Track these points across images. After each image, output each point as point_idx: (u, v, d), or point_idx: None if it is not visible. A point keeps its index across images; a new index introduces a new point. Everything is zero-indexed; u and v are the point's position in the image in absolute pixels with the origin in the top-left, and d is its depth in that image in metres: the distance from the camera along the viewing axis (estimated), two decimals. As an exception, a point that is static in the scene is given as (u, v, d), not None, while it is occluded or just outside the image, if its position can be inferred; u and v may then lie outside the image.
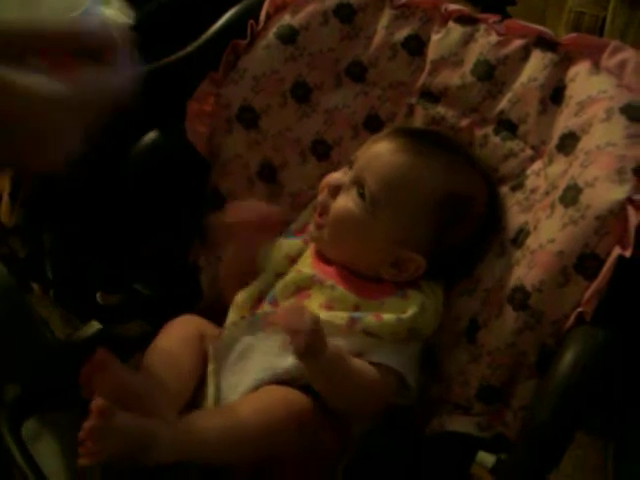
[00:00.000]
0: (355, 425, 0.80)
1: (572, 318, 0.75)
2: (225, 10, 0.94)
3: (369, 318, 0.80)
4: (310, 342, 0.71)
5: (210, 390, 0.81)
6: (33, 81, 0.56)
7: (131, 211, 0.93)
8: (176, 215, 0.93)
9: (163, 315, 0.88)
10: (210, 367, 0.82)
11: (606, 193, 0.73)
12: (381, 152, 0.83)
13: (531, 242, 0.79)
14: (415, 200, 0.82)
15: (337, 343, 0.78)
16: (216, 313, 0.88)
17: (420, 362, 0.81)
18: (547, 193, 0.80)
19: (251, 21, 0.91)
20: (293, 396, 0.76)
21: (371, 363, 0.79)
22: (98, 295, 0.95)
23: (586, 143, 0.78)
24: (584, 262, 0.74)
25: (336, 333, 0.79)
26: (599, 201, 0.73)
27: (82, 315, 0.93)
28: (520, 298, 0.77)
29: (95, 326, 0.85)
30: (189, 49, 0.90)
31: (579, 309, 0.74)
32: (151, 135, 0.91)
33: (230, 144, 0.92)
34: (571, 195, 0.76)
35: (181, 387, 0.80)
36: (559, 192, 0.78)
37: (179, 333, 0.83)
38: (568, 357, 0.72)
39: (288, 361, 0.78)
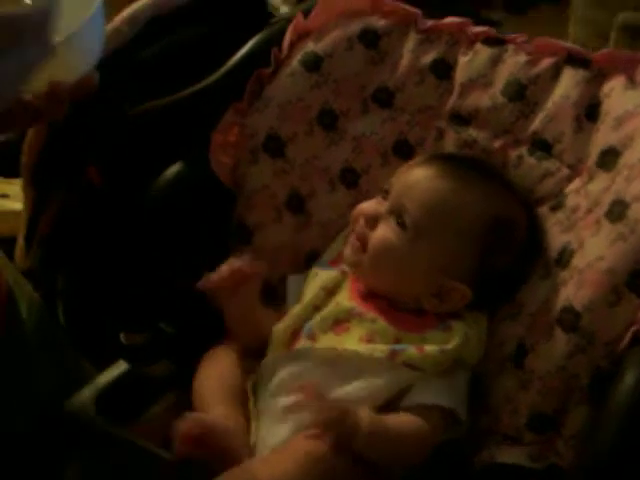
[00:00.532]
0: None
1: (626, 338, 0.72)
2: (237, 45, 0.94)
3: (411, 350, 0.77)
4: (341, 432, 0.70)
5: (253, 426, 0.78)
6: None
7: (154, 247, 0.90)
8: (201, 250, 0.91)
9: (189, 354, 0.85)
10: (250, 403, 0.80)
11: None
12: (419, 179, 0.82)
13: (578, 261, 0.77)
14: (459, 226, 0.80)
15: (377, 378, 0.76)
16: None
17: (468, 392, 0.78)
18: (590, 211, 0.78)
19: (274, 49, 0.90)
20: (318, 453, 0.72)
21: (418, 406, 0.76)
22: (122, 335, 0.91)
23: (629, 157, 0.76)
24: (636, 279, 0.72)
25: (376, 367, 0.77)
26: None
27: (98, 359, 0.90)
28: (570, 319, 0.74)
29: (122, 365, 0.82)
30: (211, 79, 0.89)
31: (633, 328, 0.72)
32: (174, 168, 0.89)
33: (256, 174, 0.89)
34: (618, 211, 0.74)
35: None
36: (604, 208, 0.76)
37: (217, 370, 0.80)
38: (628, 380, 0.69)
39: (331, 394, 0.75)
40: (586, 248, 0.76)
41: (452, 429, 0.77)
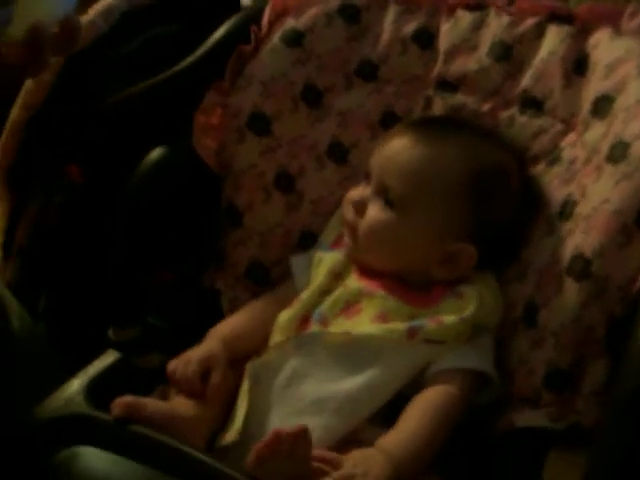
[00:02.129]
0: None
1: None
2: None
3: (429, 324, 0.74)
4: None
5: (240, 411, 0.73)
6: None
7: (139, 237, 0.86)
8: (189, 238, 0.87)
9: (181, 347, 0.80)
10: (244, 386, 0.75)
11: None
12: (394, 153, 0.80)
13: (582, 209, 0.75)
14: (443, 189, 0.77)
15: (397, 361, 0.73)
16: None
17: None
18: (588, 160, 0.77)
19: (254, 27, 0.88)
20: None
21: (442, 371, 0.73)
22: (110, 332, 0.86)
23: (623, 101, 0.75)
24: (645, 217, 0.70)
25: (395, 348, 0.74)
26: None
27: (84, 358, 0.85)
28: (580, 267, 0.72)
29: (113, 355, 0.77)
30: (189, 60, 0.87)
31: (646, 268, 0.70)
32: (156, 152, 0.86)
33: (242, 154, 0.87)
34: (619, 152, 0.72)
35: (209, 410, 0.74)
36: (604, 153, 0.74)
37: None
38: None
39: (348, 384, 0.73)
40: (589, 194, 0.74)
41: (484, 392, 0.74)
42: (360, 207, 0.80)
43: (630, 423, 0.67)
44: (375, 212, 0.79)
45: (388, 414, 0.73)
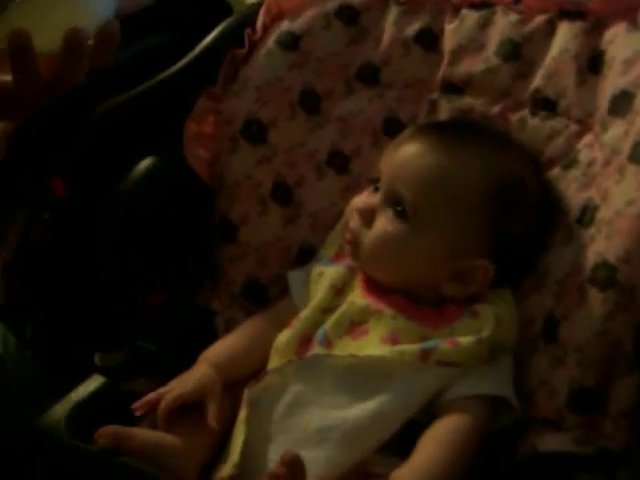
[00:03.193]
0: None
1: (671, 288, 0.64)
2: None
3: (444, 346, 0.68)
4: None
5: (238, 440, 0.67)
6: None
7: (127, 254, 0.81)
8: (181, 254, 0.81)
9: (173, 371, 0.74)
10: (241, 415, 0.69)
11: None
12: (408, 158, 0.74)
13: (604, 214, 0.69)
14: (459, 200, 0.72)
15: (410, 386, 0.67)
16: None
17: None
18: (608, 161, 0.71)
19: (248, 30, 0.83)
20: None
21: (460, 398, 0.67)
22: (96, 357, 0.80)
23: (645, 96, 0.70)
24: (675, 217, 0.64)
25: (407, 371, 0.68)
26: None
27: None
28: (605, 275, 0.66)
29: (98, 380, 0.71)
30: (180, 64, 0.81)
31: (678, 275, 0.64)
32: (144, 163, 0.80)
33: (237, 164, 0.81)
34: (643, 149, 0.67)
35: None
36: (625, 153, 0.69)
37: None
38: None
39: (354, 412, 0.66)
40: (611, 197, 0.69)
41: (504, 417, 0.68)
42: (368, 216, 0.74)
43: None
44: (384, 223, 0.73)
45: (399, 444, 0.67)
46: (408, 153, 0.74)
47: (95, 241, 0.81)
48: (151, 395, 0.71)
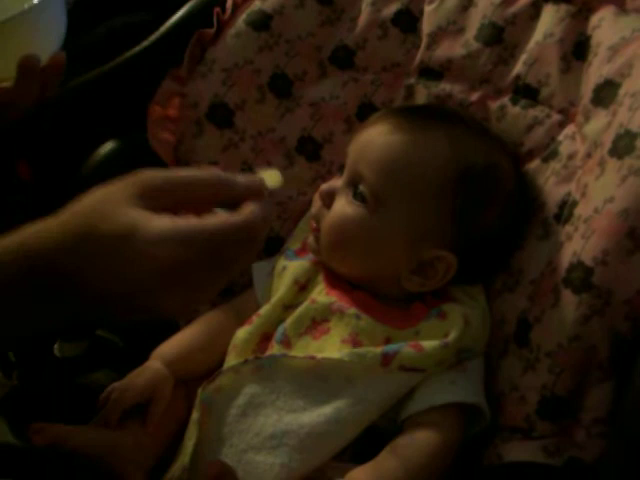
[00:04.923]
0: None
1: (650, 292, 0.60)
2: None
3: (407, 350, 0.64)
4: None
5: (188, 445, 0.64)
6: None
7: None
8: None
9: (133, 363, 0.71)
10: (194, 415, 0.66)
11: None
12: (372, 138, 0.69)
13: (582, 210, 0.65)
14: (424, 183, 0.67)
15: (370, 391, 0.63)
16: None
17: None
18: (589, 154, 0.67)
19: (217, 9, 0.79)
20: None
21: (427, 409, 0.63)
22: (55, 346, 0.77)
23: (630, 86, 0.65)
24: (656, 218, 0.60)
25: (367, 376, 0.64)
26: None
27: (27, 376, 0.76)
28: (580, 277, 0.62)
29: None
30: (145, 44, 0.78)
31: (657, 279, 0.60)
32: (107, 146, 0.77)
33: (202, 149, 0.78)
34: (624, 143, 0.62)
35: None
36: (607, 146, 0.65)
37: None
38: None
39: (311, 416, 0.63)
40: (590, 193, 0.64)
41: (474, 425, 0.64)
42: (328, 198, 0.70)
43: (638, 459, 0.58)
44: (343, 205, 0.68)
45: (358, 450, 0.63)
46: (373, 133, 0.70)
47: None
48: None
